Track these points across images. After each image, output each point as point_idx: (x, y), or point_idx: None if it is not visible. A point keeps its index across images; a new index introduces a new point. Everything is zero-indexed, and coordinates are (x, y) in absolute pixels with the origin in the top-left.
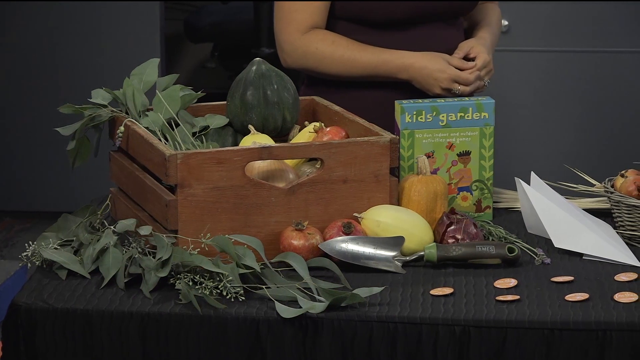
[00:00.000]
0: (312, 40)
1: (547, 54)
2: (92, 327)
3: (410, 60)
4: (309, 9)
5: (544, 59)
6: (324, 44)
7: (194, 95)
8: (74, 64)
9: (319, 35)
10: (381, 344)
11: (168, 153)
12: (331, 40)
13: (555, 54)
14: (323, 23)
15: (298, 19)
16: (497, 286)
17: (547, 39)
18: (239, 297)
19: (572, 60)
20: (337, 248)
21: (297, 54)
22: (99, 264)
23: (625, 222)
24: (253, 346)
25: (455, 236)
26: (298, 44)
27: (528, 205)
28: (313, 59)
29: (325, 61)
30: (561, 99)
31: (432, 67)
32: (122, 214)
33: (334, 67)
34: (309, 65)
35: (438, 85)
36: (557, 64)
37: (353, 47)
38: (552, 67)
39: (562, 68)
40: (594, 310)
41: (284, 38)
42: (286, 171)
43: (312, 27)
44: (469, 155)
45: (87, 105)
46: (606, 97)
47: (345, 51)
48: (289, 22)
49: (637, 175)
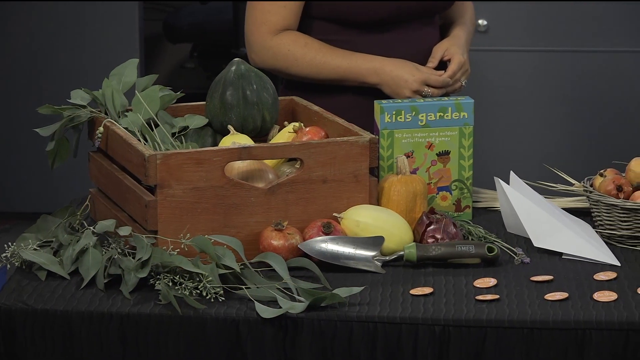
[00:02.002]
0: (284, 42)
1: (526, 54)
2: (72, 328)
3: (380, 64)
4: (282, 10)
5: (522, 58)
6: (296, 46)
7: (173, 95)
8: (53, 65)
9: (291, 37)
10: (361, 343)
11: (147, 153)
12: (303, 43)
13: (534, 53)
14: (295, 25)
15: (271, 20)
16: (477, 286)
17: (526, 38)
18: (219, 297)
19: (550, 60)
20: (316, 248)
21: (267, 54)
22: (79, 264)
23: (604, 221)
24: (233, 346)
25: (435, 236)
26: (269, 45)
27: (507, 204)
28: (284, 61)
29: (296, 63)
30: (540, 98)
31: (402, 71)
32: (101, 215)
33: (304, 70)
34: (278, 66)
35: (408, 87)
36: (536, 63)
37: (324, 50)
38: (531, 67)
39: (541, 68)
40: (573, 309)
41: (254, 38)
42: (266, 171)
43: (285, 29)
44: (448, 155)
45: (66, 105)
46: (585, 96)
47: (316, 54)
48: (261, 22)
49: (616, 174)
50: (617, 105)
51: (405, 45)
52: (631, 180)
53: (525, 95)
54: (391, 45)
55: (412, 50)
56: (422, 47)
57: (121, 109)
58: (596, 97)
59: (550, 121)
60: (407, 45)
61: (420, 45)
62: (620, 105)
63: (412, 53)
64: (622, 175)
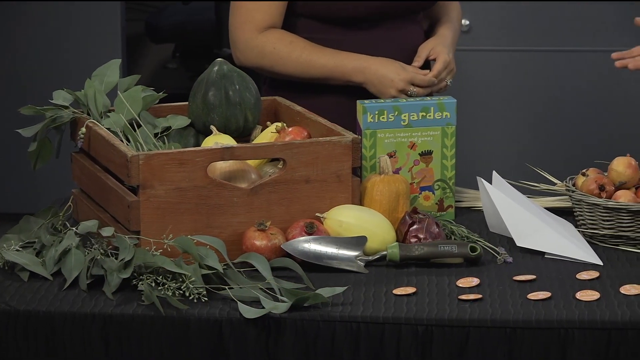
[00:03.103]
0: (269, 40)
1: (509, 54)
2: (55, 329)
3: (366, 63)
4: (267, 8)
5: (505, 58)
6: (282, 44)
7: (155, 96)
8: (35, 65)
9: (277, 35)
10: (344, 343)
11: (130, 154)
12: (289, 41)
13: (517, 53)
14: (280, 23)
15: (256, 18)
16: (460, 285)
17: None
18: (202, 297)
19: (533, 59)
20: (299, 248)
21: (252, 53)
22: (61, 265)
23: (586, 221)
24: (216, 347)
25: (418, 235)
26: (254, 44)
27: (490, 204)
28: (269, 59)
29: (282, 61)
30: (523, 98)
31: (387, 70)
32: (84, 216)
33: (290, 68)
34: (264, 64)
35: (394, 87)
36: (519, 63)
37: (310, 48)
38: (514, 67)
39: (524, 67)
40: (556, 308)
41: (239, 37)
42: (248, 171)
43: (269, 27)
44: (430, 155)
45: (48, 106)
46: (568, 96)
47: (302, 52)
48: (245, 21)
49: (598, 173)
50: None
51: (390, 43)
52: (613, 179)
53: (508, 95)
54: (376, 43)
55: (397, 48)
56: (407, 45)
57: (103, 110)
58: (579, 96)
59: (532, 121)
60: (391, 43)
61: (404, 43)
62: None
63: (397, 51)
64: (604, 174)
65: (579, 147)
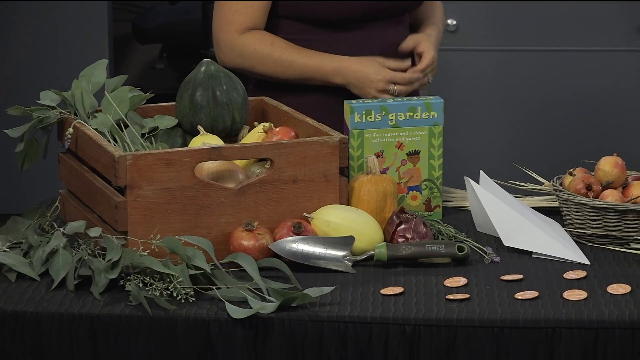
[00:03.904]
0: (250, 41)
1: (496, 53)
2: (42, 330)
3: (345, 63)
4: (249, 10)
5: (492, 58)
6: (263, 44)
7: (142, 96)
8: (22, 66)
9: (258, 36)
10: (332, 343)
11: (117, 154)
12: (270, 42)
13: (504, 53)
14: (262, 24)
15: (238, 20)
16: (447, 285)
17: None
18: (189, 298)
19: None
20: (287, 248)
21: (234, 53)
22: (49, 266)
23: (573, 220)
24: (203, 347)
25: (405, 235)
26: (236, 44)
27: (477, 204)
28: (250, 59)
29: (263, 62)
30: (510, 97)
31: (367, 70)
32: (71, 216)
33: (270, 68)
34: (245, 65)
35: (374, 87)
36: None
37: (291, 49)
38: (501, 66)
39: (511, 67)
40: (543, 308)
41: (221, 37)
42: (236, 172)
43: (251, 28)
44: (418, 155)
45: (35, 107)
46: (555, 95)
47: (282, 53)
48: (228, 22)
49: (585, 173)
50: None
51: (374, 44)
52: (600, 179)
53: (495, 94)
54: (359, 44)
55: (381, 49)
56: (391, 46)
57: (91, 110)
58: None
59: (519, 120)
60: (375, 43)
61: (388, 44)
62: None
63: (381, 52)
64: (591, 174)
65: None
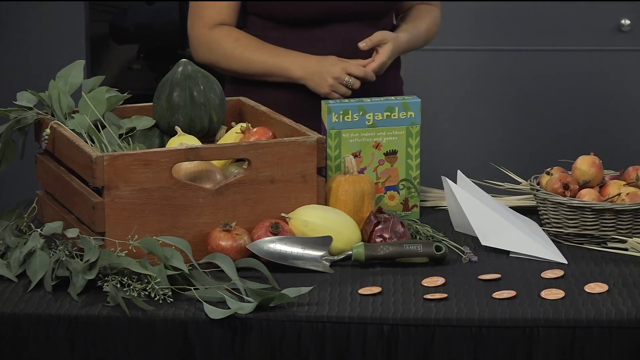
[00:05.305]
0: (217, 36)
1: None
2: (20, 331)
3: (304, 58)
4: (217, 5)
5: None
6: (227, 40)
7: (120, 96)
8: None
9: (224, 32)
10: (310, 343)
11: (94, 155)
12: (235, 38)
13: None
14: (233, 21)
15: (207, 15)
16: (425, 284)
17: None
18: (167, 298)
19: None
20: (265, 248)
21: (202, 49)
22: (26, 267)
23: (551, 219)
24: (182, 347)
25: (383, 235)
26: (204, 39)
27: (455, 203)
28: (216, 55)
29: (226, 58)
30: (487, 97)
31: (324, 62)
32: (49, 217)
33: (233, 65)
34: (213, 60)
35: (330, 74)
36: (482, 63)
37: (253, 45)
38: (478, 66)
39: (488, 67)
40: (521, 307)
41: (193, 33)
42: (213, 172)
43: (221, 24)
44: (395, 155)
45: (12, 107)
46: (532, 95)
47: (244, 50)
48: (198, 17)
49: (562, 172)
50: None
51: (342, 46)
52: (577, 178)
53: (473, 94)
54: (327, 44)
55: (345, 49)
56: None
57: (68, 111)
58: (543, 95)
59: (497, 120)
60: (344, 45)
61: (354, 44)
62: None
63: (346, 51)
64: (568, 173)
65: (543, 146)
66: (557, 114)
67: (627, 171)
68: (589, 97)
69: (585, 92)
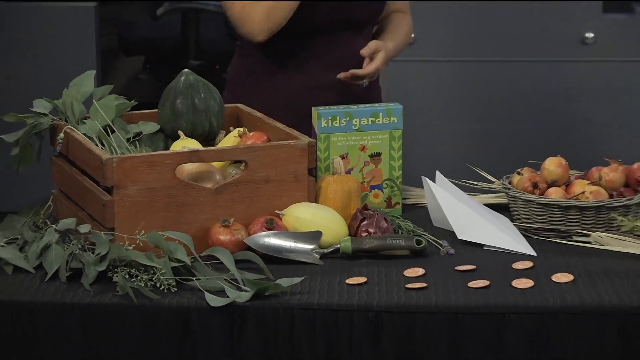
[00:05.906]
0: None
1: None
2: (37, 318)
3: None
4: None
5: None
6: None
7: (127, 104)
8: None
9: None
10: (302, 329)
11: (104, 157)
12: None
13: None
14: None
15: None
16: (407, 275)
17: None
18: (172, 288)
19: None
20: (260, 242)
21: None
22: (43, 259)
23: (521, 215)
24: (184, 333)
25: (368, 230)
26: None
27: (434, 201)
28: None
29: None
30: (463, 104)
31: None
32: (63, 214)
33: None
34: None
35: None
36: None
37: None
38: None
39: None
40: (493, 295)
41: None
42: (213, 173)
43: None
44: (379, 157)
45: (29, 114)
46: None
47: None
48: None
49: (532, 172)
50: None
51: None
52: (545, 177)
53: (450, 101)
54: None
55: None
56: (351, 56)
57: (80, 117)
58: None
59: (472, 124)
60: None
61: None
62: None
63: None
64: (537, 173)
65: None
66: (527, 120)
67: (591, 171)
68: (556, 104)
69: (552, 99)
